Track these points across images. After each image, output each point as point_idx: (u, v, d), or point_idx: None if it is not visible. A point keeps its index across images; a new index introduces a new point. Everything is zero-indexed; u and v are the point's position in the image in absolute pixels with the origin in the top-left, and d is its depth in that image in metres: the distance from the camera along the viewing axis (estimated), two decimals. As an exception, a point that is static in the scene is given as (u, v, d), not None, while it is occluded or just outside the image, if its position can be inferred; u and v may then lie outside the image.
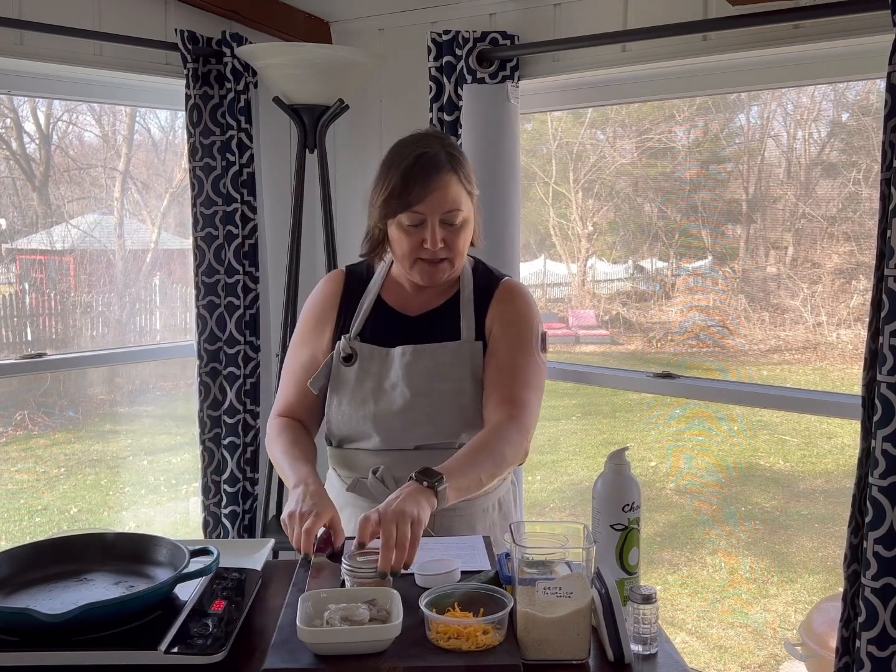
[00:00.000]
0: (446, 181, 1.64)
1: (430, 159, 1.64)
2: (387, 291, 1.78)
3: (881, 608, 1.70)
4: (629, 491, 1.40)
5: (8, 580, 1.34)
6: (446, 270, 1.70)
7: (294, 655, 1.16)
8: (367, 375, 1.71)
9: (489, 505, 1.75)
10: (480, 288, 1.76)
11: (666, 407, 5.01)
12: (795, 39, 2.04)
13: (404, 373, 1.68)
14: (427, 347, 1.69)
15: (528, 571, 1.22)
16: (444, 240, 1.65)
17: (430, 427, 1.67)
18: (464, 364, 1.69)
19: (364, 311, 1.76)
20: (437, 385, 1.67)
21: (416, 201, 1.62)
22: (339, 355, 1.72)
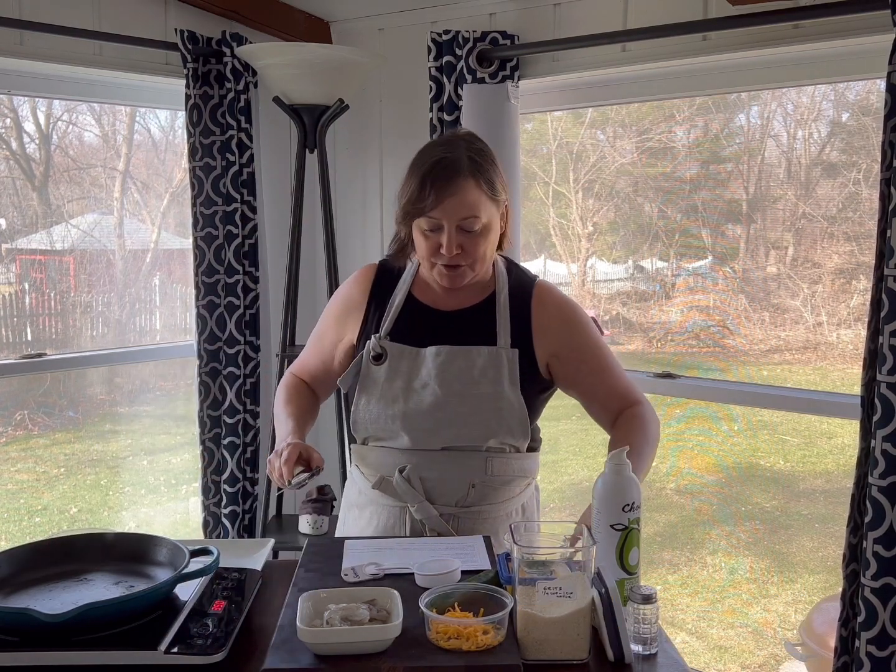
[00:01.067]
0: (463, 187, 1.60)
1: (450, 164, 1.61)
2: (417, 289, 1.77)
3: (881, 608, 1.70)
4: (629, 491, 1.40)
5: (8, 580, 1.34)
6: (467, 275, 1.68)
7: (294, 655, 1.16)
8: (396, 374, 1.69)
9: (513, 509, 1.75)
10: (515, 291, 1.74)
11: (666, 407, 5.00)
12: (795, 39, 2.04)
13: (437, 372, 1.67)
14: (463, 349, 1.68)
15: (528, 571, 1.22)
16: (461, 246, 1.63)
17: (460, 428, 1.66)
18: (499, 369, 1.67)
19: (395, 308, 1.74)
20: (472, 387, 1.66)
21: (431, 207, 1.60)
22: (369, 354, 1.71)
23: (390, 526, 1.70)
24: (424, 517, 1.65)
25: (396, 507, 1.69)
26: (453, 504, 1.67)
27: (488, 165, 1.66)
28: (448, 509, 1.67)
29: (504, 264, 1.79)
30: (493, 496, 1.70)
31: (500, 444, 1.68)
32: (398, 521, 1.69)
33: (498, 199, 1.67)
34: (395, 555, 1.49)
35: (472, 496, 1.67)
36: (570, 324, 1.74)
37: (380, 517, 1.71)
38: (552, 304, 1.75)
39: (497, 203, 1.67)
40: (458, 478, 1.67)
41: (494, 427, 1.66)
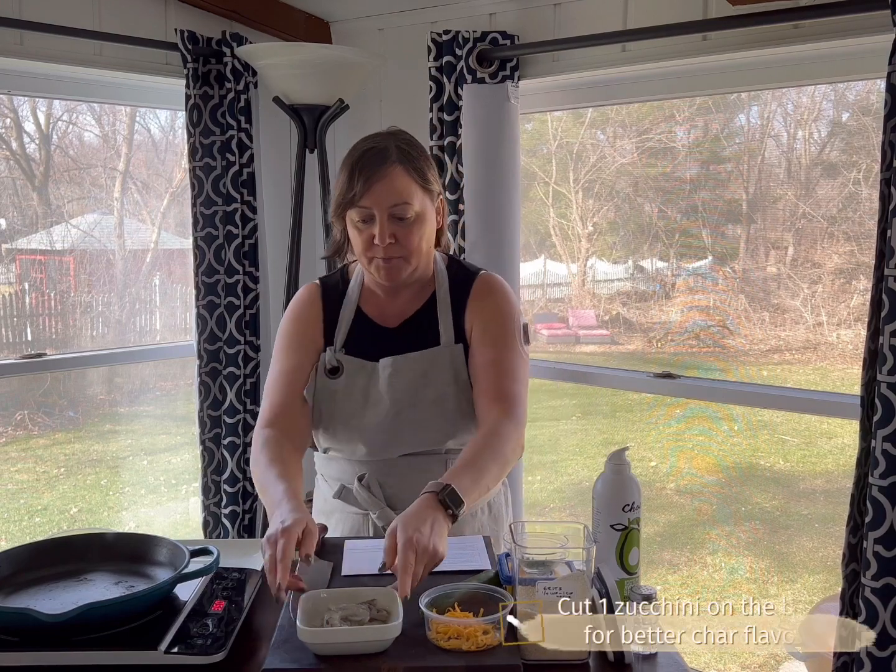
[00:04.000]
0: (391, 172, 1.59)
1: (378, 153, 1.60)
2: (364, 302, 1.75)
3: (881, 608, 1.70)
4: (629, 491, 1.40)
5: (8, 580, 1.34)
6: (403, 268, 1.64)
7: (294, 655, 1.16)
8: (354, 389, 1.68)
9: (478, 509, 1.73)
10: (456, 286, 1.72)
11: (666, 407, 5.00)
12: (795, 39, 2.04)
13: (388, 384, 1.66)
14: (406, 358, 1.67)
15: (528, 571, 1.22)
16: (394, 235, 1.60)
17: (414, 437, 1.66)
18: (445, 369, 1.66)
19: (346, 323, 1.72)
20: (420, 394, 1.65)
21: (360, 195, 1.58)
22: (325, 367, 1.69)
23: (354, 533, 1.69)
24: (385, 523, 1.62)
25: (359, 514, 1.69)
26: None
27: (417, 154, 1.65)
28: None
29: (444, 262, 1.77)
30: None
31: (460, 444, 1.67)
32: (361, 527, 1.68)
33: (431, 190, 1.66)
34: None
35: None
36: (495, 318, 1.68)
37: (344, 524, 1.71)
38: (487, 293, 1.71)
39: (430, 194, 1.65)
40: (417, 482, 1.59)
41: (449, 429, 1.65)
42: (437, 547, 1.29)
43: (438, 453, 1.67)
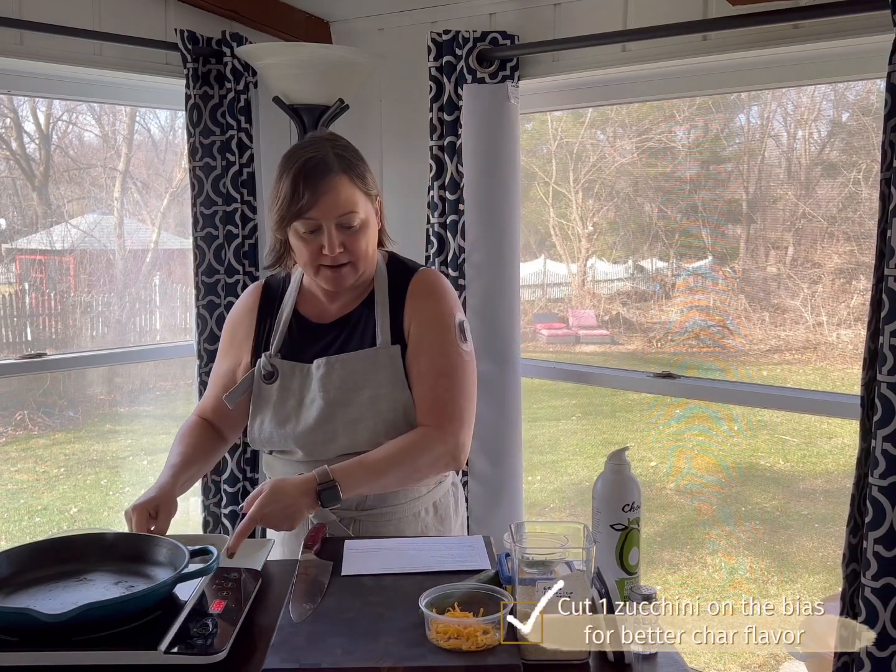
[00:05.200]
0: (336, 184, 1.60)
1: (318, 163, 1.60)
2: (302, 303, 1.76)
3: (881, 608, 1.70)
4: (629, 491, 1.41)
5: (8, 580, 1.34)
6: (350, 275, 1.66)
7: (294, 655, 1.16)
8: (288, 393, 1.69)
9: (421, 509, 1.73)
10: (394, 284, 1.72)
11: (666, 407, 5.00)
12: (795, 39, 2.04)
13: (320, 385, 1.66)
14: (339, 358, 1.66)
15: (528, 571, 1.22)
16: (343, 244, 1.61)
17: (348, 437, 1.65)
18: (380, 370, 1.65)
19: (282, 325, 1.73)
20: (353, 394, 1.65)
21: (308, 208, 1.59)
22: (260, 373, 1.70)
23: (294, 532, 1.66)
24: (321, 521, 1.64)
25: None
26: (353, 507, 1.66)
27: (356, 160, 1.66)
28: (348, 513, 1.66)
29: (384, 259, 1.77)
30: (393, 498, 1.68)
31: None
32: (303, 527, 1.65)
33: (371, 194, 1.67)
34: (395, 556, 1.49)
35: (370, 499, 1.66)
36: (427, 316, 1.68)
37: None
38: (422, 292, 1.70)
39: (371, 198, 1.67)
40: None
41: (384, 429, 1.64)
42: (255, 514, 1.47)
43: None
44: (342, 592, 1.35)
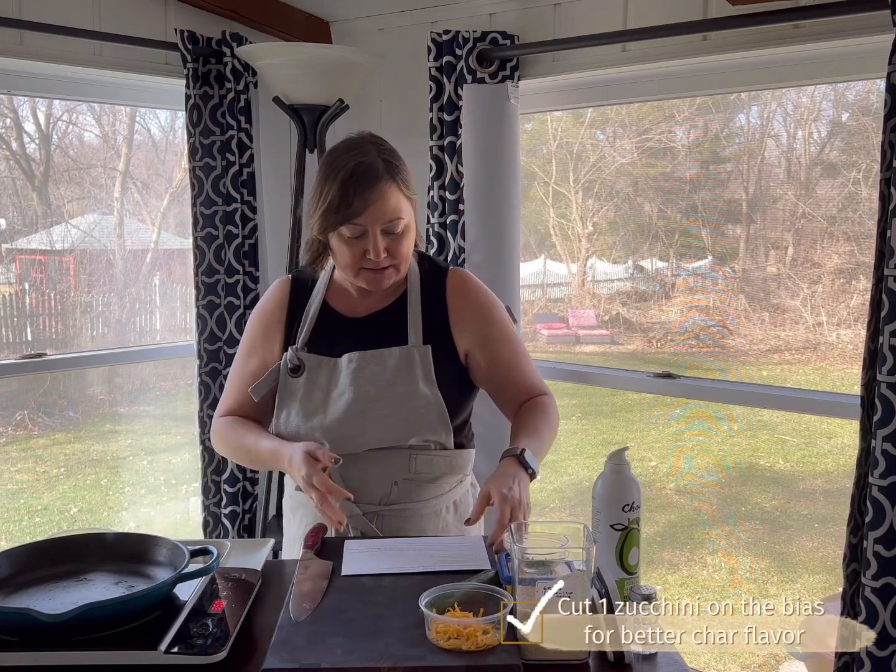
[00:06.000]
0: (385, 191, 1.60)
1: (368, 169, 1.60)
2: (332, 296, 1.76)
3: (881, 608, 1.70)
4: (629, 491, 1.41)
5: (8, 580, 1.34)
6: (391, 276, 1.67)
7: (294, 655, 1.16)
8: (315, 386, 1.68)
9: (442, 507, 1.73)
10: (427, 283, 1.74)
11: (666, 407, 5.00)
12: (795, 39, 2.04)
13: (352, 380, 1.66)
14: (373, 353, 1.67)
15: (528, 571, 1.22)
16: (386, 249, 1.62)
17: (380, 432, 1.65)
18: (412, 368, 1.66)
19: (310, 319, 1.73)
20: (387, 389, 1.65)
21: (357, 214, 1.59)
22: (287, 366, 1.69)
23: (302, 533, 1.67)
24: (348, 516, 1.63)
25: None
26: (377, 502, 1.66)
27: (401, 165, 1.67)
28: (371, 507, 1.66)
29: (415, 258, 1.78)
30: (417, 494, 1.68)
31: (424, 441, 1.67)
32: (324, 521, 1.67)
33: (412, 199, 1.69)
34: (396, 556, 1.48)
35: (394, 494, 1.67)
36: (486, 316, 1.74)
37: (308, 519, 1.71)
38: (468, 293, 1.74)
39: (412, 202, 1.69)
40: (380, 476, 1.66)
41: (413, 426, 1.65)
42: (524, 498, 1.48)
43: (402, 448, 1.67)
44: (342, 592, 1.35)
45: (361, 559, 1.47)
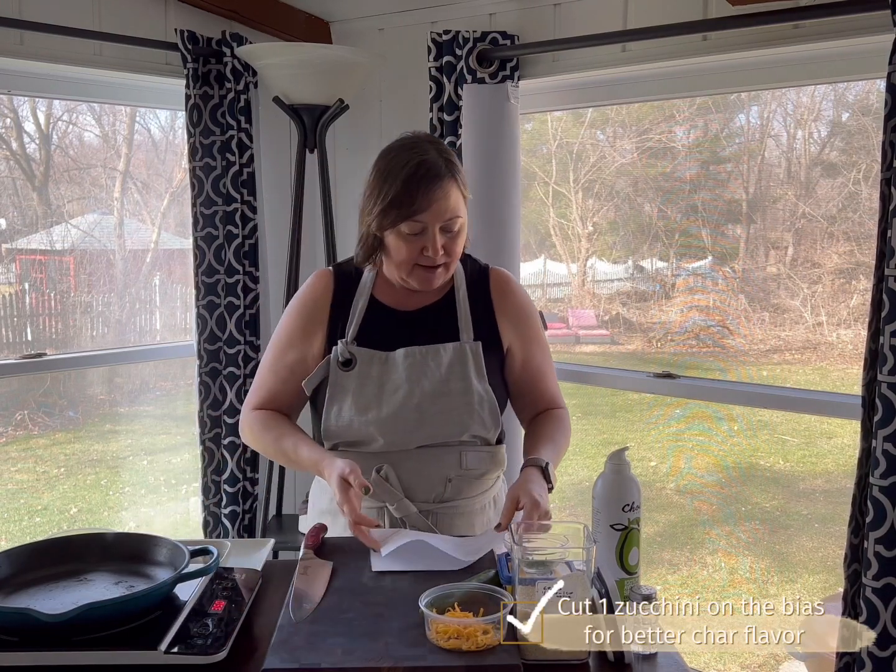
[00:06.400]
0: (448, 189, 1.62)
1: (432, 167, 1.62)
2: (379, 291, 1.76)
3: (882, 608, 1.70)
4: (629, 491, 1.40)
5: (8, 580, 1.34)
6: (442, 275, 1.69)
7: (294, 655, 1.16)
8: (367, 380, 1.68)
9: (486, 503, 1.76)
10: (472, 281, 1.77)
11: (666, 407, 5.00)
12: (795, 39, 2.04)
13: (408, 374, 1.67)
14: (430, 349, 1.69)
15: (528, 571, 1.22)
16: (443, 246, 1.64)
17: (436, 428, 1.67)
18: (466, 364, 1.68)
19: (359, 313, 1.73)
20: (443, 385, 1.67)
21: (420, 211, 1.60)
22: (337, 360, 1.69)
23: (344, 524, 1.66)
24: (404, 515, 1.65)
25: (374, 508, 1.68)
26: (431, 500, 1.68)
27: (459, 164, 1.70)
28: (426, 506, 1.67)
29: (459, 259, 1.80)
30: (468, 490, 1.70)
31: (472, 437, 1.69)
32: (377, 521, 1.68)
33: (468, 198, 1.71)
34: (421, 553, 1.48)
35: (449, 491, 1.68)
36: (526, 316, 1.79)
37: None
38: (511, 292, 1.79)
39: (467, 201, 1.71)
40: (434, 473, 1.67)
41: (467, 421, 1.67)
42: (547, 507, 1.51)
43: (453, 445, 1.68)
44: (342, 592, 1.35)
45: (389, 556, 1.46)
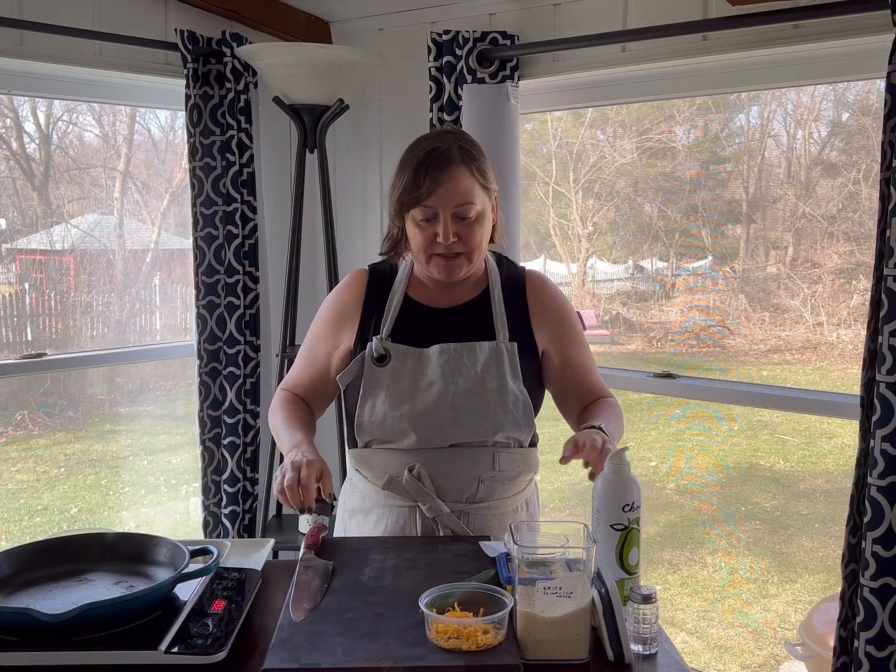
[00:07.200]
0: (456, 173, 1.63)
1: (442, 153, 1.63)
2: (413, 289, 1.77)
3: (880, 608, 1.70)
4: (629, 491, 1.40)
5: (8, 580, 1.34)
6: (463, 266, 1.69)
7: (294, 655, 1.16)
8: (401, 375, 1.69)
9: (518, 505, 1.76)
10: (508, 284, 1.77)
11: (666, 407, 5.00)
12: (795, 39, 2.04)
13: (443, 370, 1.67)
14: (466, 346, 1.69)
15: (528, 571, 1.22)
16: (457, 234, 1.64)
17: (469, 425, 1.67)
18: (502, 363, 1.68)
19: (393, 310, 1.74)
20: (478, 383, 1.67)
21: (427, 195, 1.62)
22: (372, 356, 1.70)
23: (399, 527, 1.69)
24: (436, 514, 1.65)
25: (405, 507, 1.68)
26: (463, 500, 1.68)
27: (478, 155, 1.69)
28: (458, 506, 1.67)
29: (494, 259, 1.80)
30: (500, 491, 1.70)
31: (506, 438, 1.69)
32: (408, 521, 1.68)
33: (489, 189, 1.70)
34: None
35: (481, 492, 1.68)
36: (563, 317, 1.78)
37: (388, 519, 1.70)
38: (547, 294, 1.78)
39: (489, 193, 1.69)
40: (467, 473, 1.67)
41: (502, 421, 1.67)
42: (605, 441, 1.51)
43: (486, 445, 1.68)
44: (342, 592, 1.36)
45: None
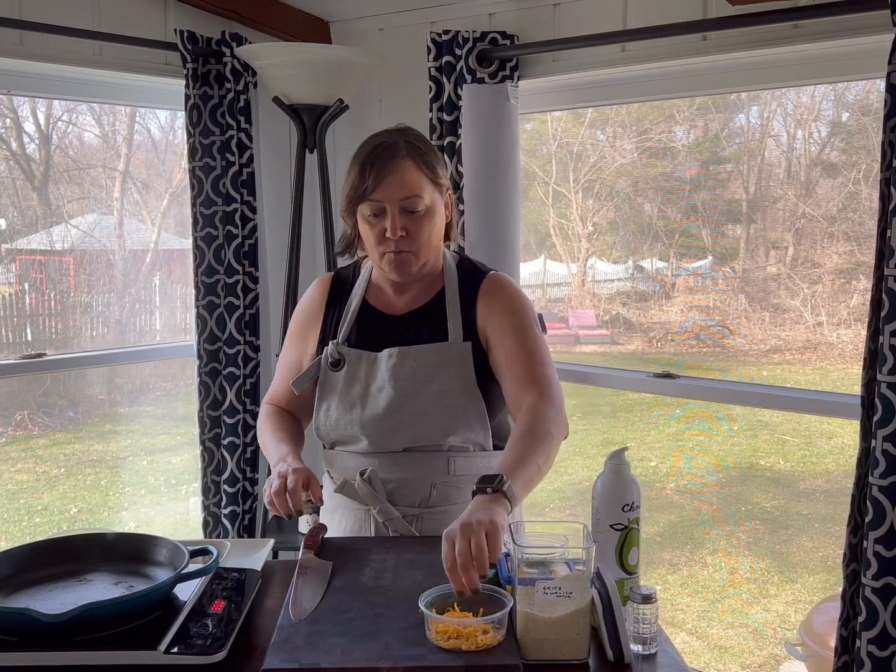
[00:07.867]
0: (401, 166, 1.62)
1: (388, 147, 1.64)
2: (371, 294, 1.78)
3: (881, 608, 1.70)
4: (629, 491, 1.40)
5: (8, 580, 1.34)
6: (413, 262, 1.66)
7: (294, 655, 1.16)
8: (354, 380, 1.70)
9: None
10: (465, 284, 1.73)
11: (666, 407, 5.01)
12: (795, 39, 2.04)
13: (390, 375, 1.67)
14: (412, 349, 1.68)
15: (528, 571, 1.22)
16: (405, 228, 1.63)
17: (416, 429, 1.66)
18: (451, 365, 1.66)
19: (350, 314, 1.75)
20: (423, 387, 1.66)
21: (372, 189, 1.61)
22: (327, 360, 1.72)
23: (356, 529, 1.70)
24: (386, 519, 1.65)
25: (361, 509, 1.69)
26: (416, 505, 1.67)
27: (426, 149, 1.68)
28: (411, 510, 1.67)
29: (454, 259, 1.79)
30: (456, 496, 1.68)
31: (463, 442, 1.67)
32: (363, 523, 1.69)
33: (440, 184, 1.69)
34: None
35: (434, 496, 1.67)
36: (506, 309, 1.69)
37: (346, 520, 1.72)
38: (497, 291, 1.72)
39: (440, 188, 1.69)
40: (419, 478, 1.66)
41: (452, 424, 1.65)
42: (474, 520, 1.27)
43: (441, 450, 1.67)
44: (342, 592, 1.35)
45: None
